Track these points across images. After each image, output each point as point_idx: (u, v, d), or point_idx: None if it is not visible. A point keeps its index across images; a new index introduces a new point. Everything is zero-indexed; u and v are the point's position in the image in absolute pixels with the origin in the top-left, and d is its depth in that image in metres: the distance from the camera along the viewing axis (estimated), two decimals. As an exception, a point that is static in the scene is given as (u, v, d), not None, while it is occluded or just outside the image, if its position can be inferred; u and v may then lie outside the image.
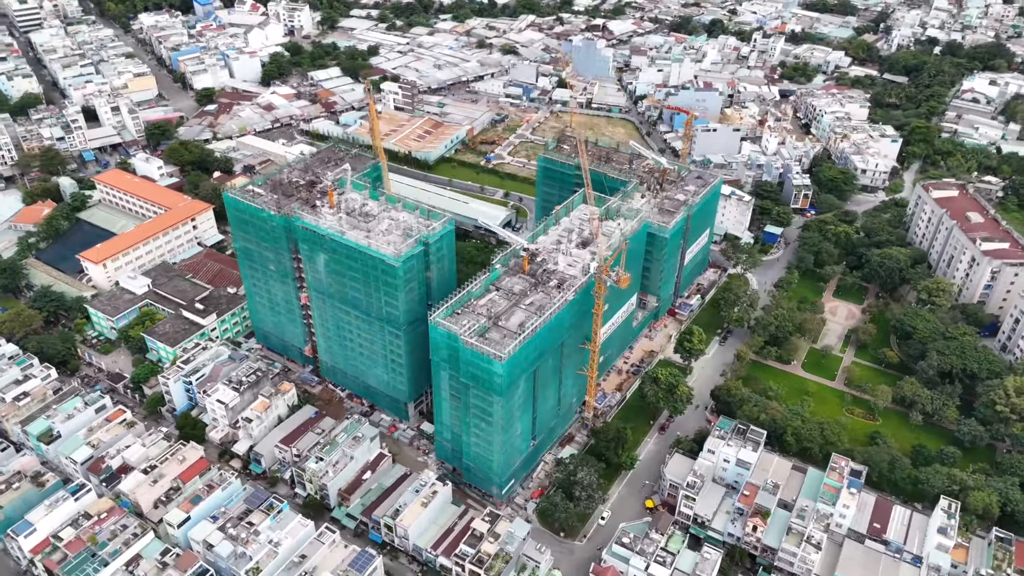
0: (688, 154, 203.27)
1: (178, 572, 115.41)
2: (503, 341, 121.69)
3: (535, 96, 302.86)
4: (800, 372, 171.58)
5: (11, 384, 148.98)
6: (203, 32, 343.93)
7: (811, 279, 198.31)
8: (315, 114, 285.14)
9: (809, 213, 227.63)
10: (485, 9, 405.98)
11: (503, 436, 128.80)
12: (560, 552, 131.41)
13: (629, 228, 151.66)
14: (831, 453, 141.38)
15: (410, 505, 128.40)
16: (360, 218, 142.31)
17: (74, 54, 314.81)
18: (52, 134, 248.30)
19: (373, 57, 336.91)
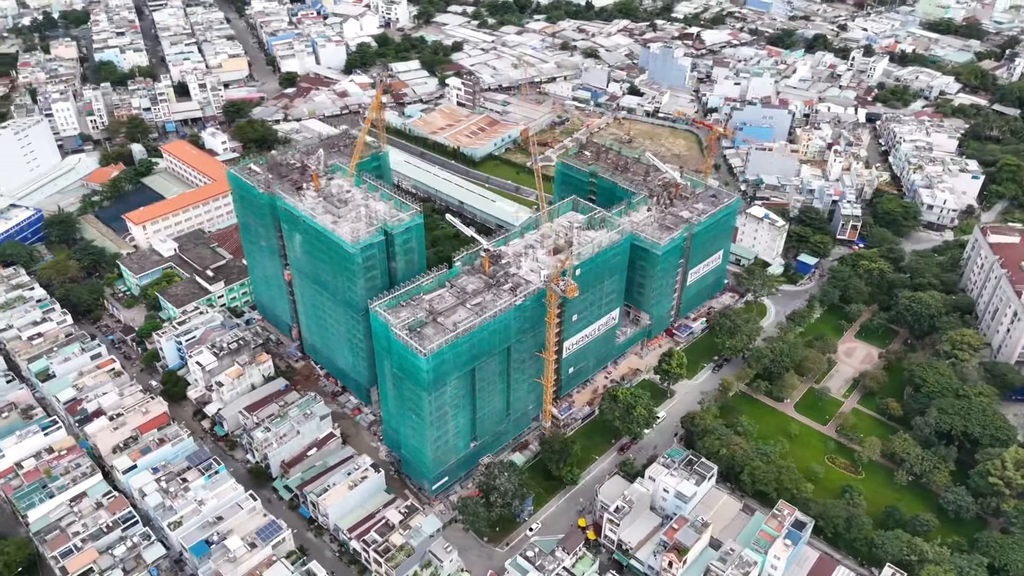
0: (710, 170, 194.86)
1: (107, 513, 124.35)
2: (433, 337, 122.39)
3: (603, 101, 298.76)
4: (790, 412, 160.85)
5: (29, 324, 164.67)
6: (302, 20, 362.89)
7: (835, 316, 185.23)
8: (385, 104, 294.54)
9: (857, 246, 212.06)
10: (580, 12, 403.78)
11: (433, 431, 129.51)
12: (479, 556, 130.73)
13: (608, 239, 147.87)
14: (791, 497, 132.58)
15: (337, 486, 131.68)
16: (338, 204, 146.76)
17: (183, 33, 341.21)
18: (140, 104, 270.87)
19: (456, 53, 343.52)
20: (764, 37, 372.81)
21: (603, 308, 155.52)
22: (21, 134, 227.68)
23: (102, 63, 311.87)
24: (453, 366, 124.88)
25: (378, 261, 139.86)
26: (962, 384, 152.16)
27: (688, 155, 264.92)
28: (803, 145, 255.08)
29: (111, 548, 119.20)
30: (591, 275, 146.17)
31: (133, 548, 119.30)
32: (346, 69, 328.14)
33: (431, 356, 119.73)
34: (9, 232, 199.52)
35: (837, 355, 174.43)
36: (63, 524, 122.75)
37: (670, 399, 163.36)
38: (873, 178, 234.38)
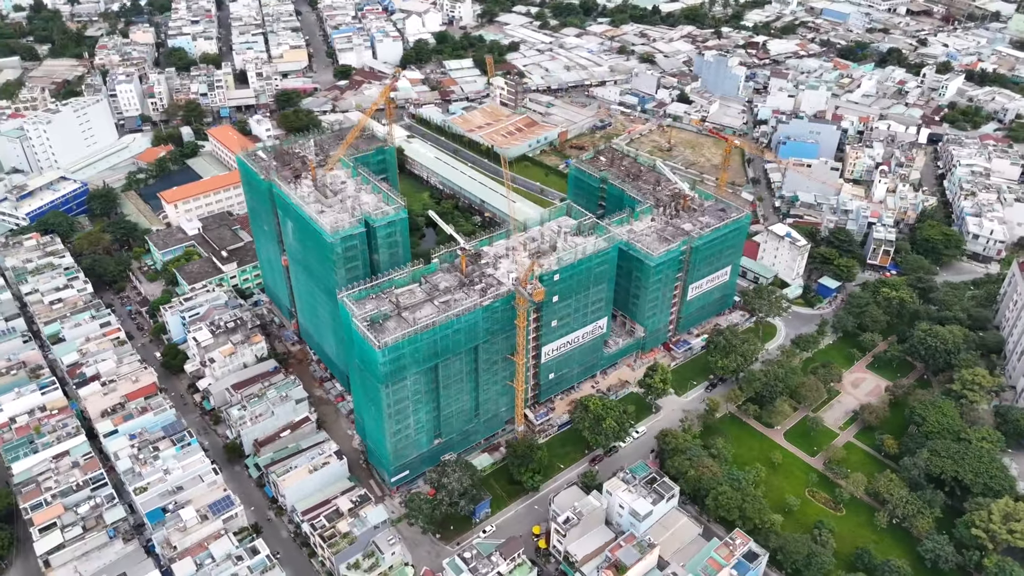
0: (724, 184, 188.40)
1: (80, 473, 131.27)
2: (394, 330, 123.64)
3: (650, 107, 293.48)
4: (779, 439, 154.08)
5: (52, 290, 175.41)
6: (367, 14, 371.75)
7: (849, 344, 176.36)
8: (430, 100, 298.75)
9: (888, 272, 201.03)
10: (645, 16, 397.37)
11: (392, 424, 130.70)
12: (428, 553, 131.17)
13: (593, 246, 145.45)
14: (754, 527, 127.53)
15: (297, 469, 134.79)
16: (329, 194, 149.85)
17: (253, 23, 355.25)
18: (198, 90, 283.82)
19: (511, 53, 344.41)
20: (835, 49, 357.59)
21: (588, 316, 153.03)
22: (80, 112, 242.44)
23: (174, 49, 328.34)
24: (412, 361, 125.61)
25: (359, 252, 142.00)
26: (965, 427, 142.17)
27: (728, 166, 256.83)
28: (850, 163, 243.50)
29: (77, 506, 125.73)
30: (573, 281, 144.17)
31: (96, 508, 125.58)
32: (401, 64, 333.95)
33: (386, 349, 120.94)
34: (54, 203, 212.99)
35: (841, 385, 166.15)
36: (40, 479, 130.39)
37: (654, 415, 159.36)
38: (918, 202, 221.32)
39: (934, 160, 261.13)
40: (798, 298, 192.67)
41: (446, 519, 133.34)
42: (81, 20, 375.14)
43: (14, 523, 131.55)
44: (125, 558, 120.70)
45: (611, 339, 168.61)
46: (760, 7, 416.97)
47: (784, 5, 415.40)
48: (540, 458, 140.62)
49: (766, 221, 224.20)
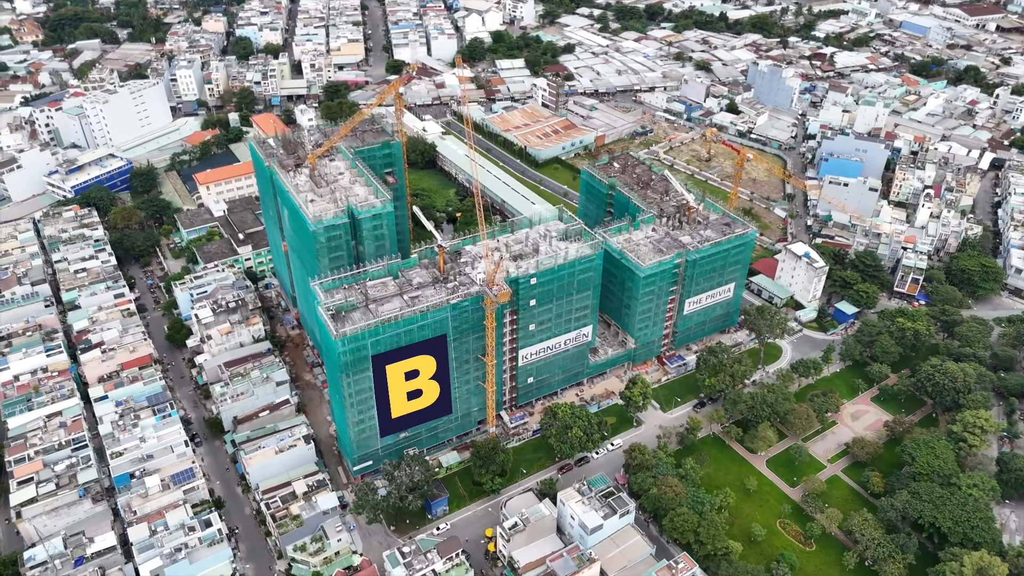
0: (736, 196, 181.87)
1: (65, 432, 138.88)
2: (357, 321, 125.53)
3: (696, 115, 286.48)
4: (760, 465, 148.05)
5: (79, 259, 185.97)
6: (428, 11, 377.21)
7: (856, 373, 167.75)
8: (474, 98, 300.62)
9: (917, 301, 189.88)
10: (711, 23, 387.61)
11: (354, 414, 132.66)
12: (380, 543, 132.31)
13: (576, 252, 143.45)
14: (710, 553, 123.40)
15: (264, 449, 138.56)
16: (323, 184, 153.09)
17: (317, 16, 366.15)
18: (253, 78, 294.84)
19: (565, 55, 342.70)
20: (907, 64, 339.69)
21: (572, 323, 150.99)
22: (136, 94, 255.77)
23: (240, 38, 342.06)
24: (372, 353, 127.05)
25: (343, 242, 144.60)
26: (958, 471, 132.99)
27: (766, 180, 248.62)
28: (896, 185, 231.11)
29: (56, 464, 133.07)
30: (554, 286, 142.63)
31: (72, 468, 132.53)
32: (454, 62, 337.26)
33: (344, 339, 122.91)
34: (99, 178, 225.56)
35: (840, 416, 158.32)
36: (29, 435, 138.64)
37: (635, 428, 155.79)
38: (962, 229, 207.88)
39: (993, 187, 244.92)
40: (811, 321, 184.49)
41: (402, 513, 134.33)
42: (163, 7, 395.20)
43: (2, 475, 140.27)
44: (91, 518, 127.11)
45: (601, 348, 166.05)
46: (835, 17, 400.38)
47: (861, 16, 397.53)
48: (503, 461, 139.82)
49: (793, 239, 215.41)
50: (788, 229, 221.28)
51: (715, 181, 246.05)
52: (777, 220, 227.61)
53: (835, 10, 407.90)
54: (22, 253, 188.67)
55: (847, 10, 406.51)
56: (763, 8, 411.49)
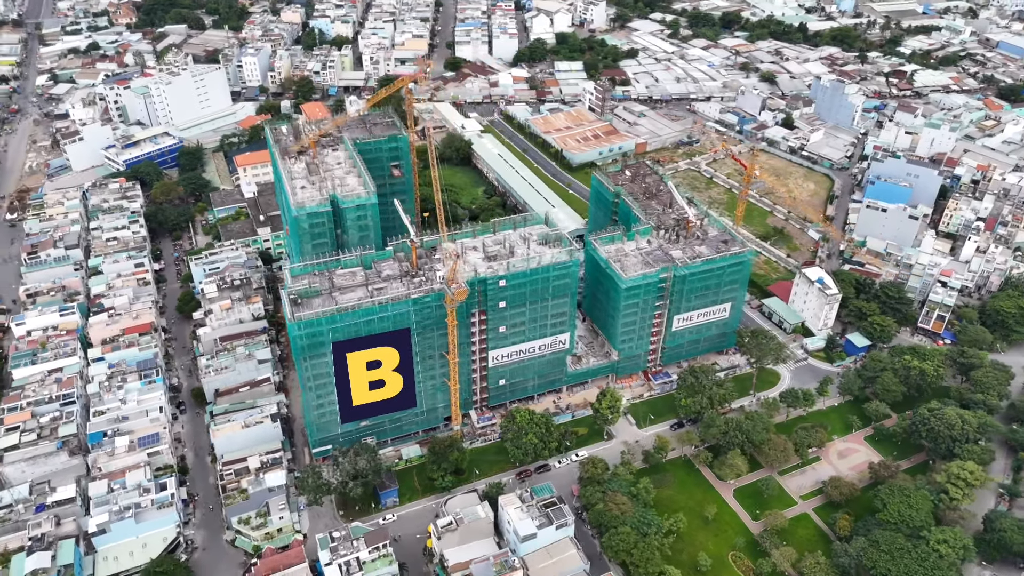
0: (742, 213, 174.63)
1: (58, 388, 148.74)
2: (316, 307, 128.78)
3: (748, 128, 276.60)
4: (726, 494, 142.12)
5: (112, 228, 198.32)
6: (496, 9, 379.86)
7: (854, 409, 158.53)
8: (524, 99, 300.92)
9: (942, 340, 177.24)
10: (789, 33, 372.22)
11: (313, 397, 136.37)
12: (327, 526, 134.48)
13: (551, 258, 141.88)
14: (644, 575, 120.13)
15: (232, 423, 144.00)
16: (318, 171, 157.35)
17: (388, 11, 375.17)
18: (313, 68, 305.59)
19: (628, 59, 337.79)
20: (996, 87, 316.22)
21: (547, 328, 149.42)
22: (198, 78, 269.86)
23: (312, 29, 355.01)
24: (327, 340, 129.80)
25: (327, 230, 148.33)
26: (930, 523, 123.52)
27: (808, 201, 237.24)
28: (947, 215, 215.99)
29: (42, 416, 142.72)
30: (527, 290, 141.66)
31: (55, 421, 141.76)
32: (514, 61, 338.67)
33: (300, 323, 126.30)
34: (151, 154, 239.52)
35: (825, 452, 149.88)
36: (27, 387, 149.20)
37: (606, 441, 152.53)
38: (1007, 268, 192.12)
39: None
40: (819, 351, 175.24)
41: (352, 499, 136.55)
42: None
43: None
44: (66, 470, 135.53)
45: (586, 357, 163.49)
46: (925, 34, 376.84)
47: (954, 34, 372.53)
48: (457, 459, 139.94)
49: (824, 263, 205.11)
50: (818, 252, 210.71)
51: (753, 197, 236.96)
52: (810, 242, 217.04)
53: (926, 26, 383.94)
54: (64, 219, 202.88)
55: (940, 27, 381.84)
56: (848, 20, 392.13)
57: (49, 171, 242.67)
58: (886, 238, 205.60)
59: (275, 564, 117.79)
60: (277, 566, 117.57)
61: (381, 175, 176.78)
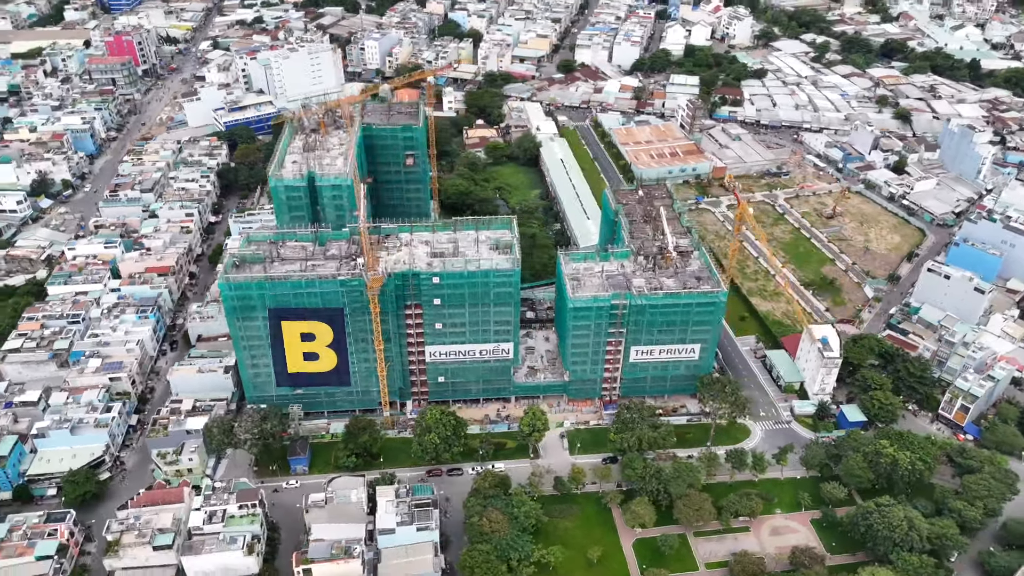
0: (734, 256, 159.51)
1: (72, 308, 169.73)
2: (248, 272, 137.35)
3: (851, 167, 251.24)
4: (625, 541, 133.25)
5: (184, 180, 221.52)
6: (633, 16, 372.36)
7: (811, 486, 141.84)
8: (623, 108, 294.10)
9: (963, 434, 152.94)
10: (957, 69, 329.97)
11: (247, 356, 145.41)
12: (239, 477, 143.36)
13: (490, 264, 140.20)
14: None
15: (190, 367, 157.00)
16: (318, 150, 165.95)
17: (524, 10, 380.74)
18: (427, 57, 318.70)
19: (752, 79, 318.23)
20: None
21: (490, 335, 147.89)
22: (313, 56, 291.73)
23: (450, 21, 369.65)
24: (259, 304, 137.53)
25: (303, 204, 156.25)
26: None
27: (883, 254, 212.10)
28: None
29: (47, 329, 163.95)
30: (465, 292, 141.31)
31: (55, 334, 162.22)
32: (631, 70, 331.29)
33: (228, 284, 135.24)
34: (248, 120, 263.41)
35: (756, 525, 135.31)
36: (52, 304, 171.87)
37: (531, 459, 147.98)
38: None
39: None
40: (808, 416, 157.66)
41: (268, 460, 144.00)
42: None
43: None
44: (49, 378, 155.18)
45: (543, 372, 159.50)
46: None
47: None
48: (366, 443, 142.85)
49: (861, 324, 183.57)
50: (863, 311, 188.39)
51: (819, 240, 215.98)
52: (861, 299, 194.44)
53: None
54: (151, 166, 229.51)
55: None
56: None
57: (171, 124, 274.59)
58: (947, 309, 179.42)
59: (155, 497, 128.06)
60: (156, 499, 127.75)
61: (397, 162, 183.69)
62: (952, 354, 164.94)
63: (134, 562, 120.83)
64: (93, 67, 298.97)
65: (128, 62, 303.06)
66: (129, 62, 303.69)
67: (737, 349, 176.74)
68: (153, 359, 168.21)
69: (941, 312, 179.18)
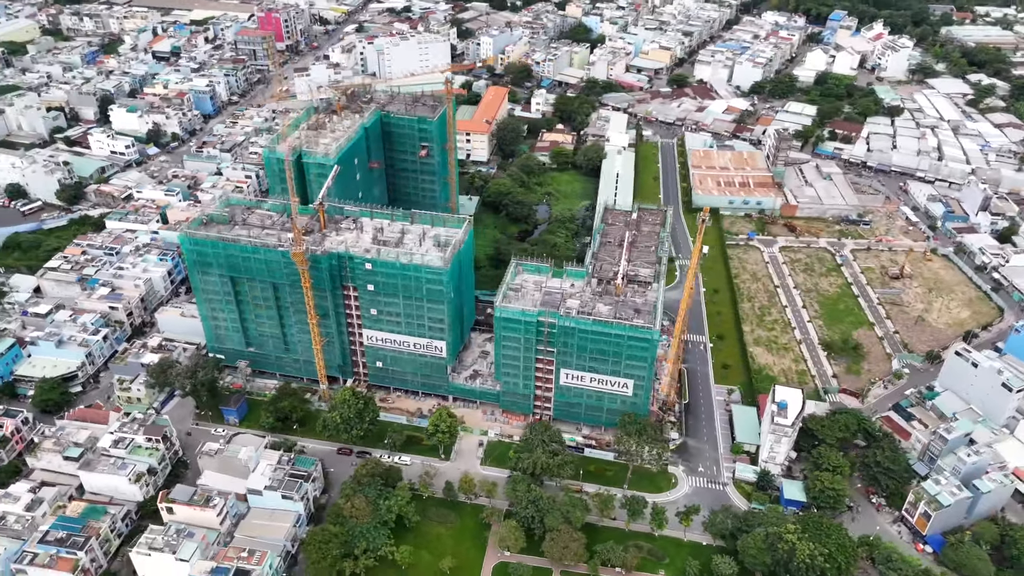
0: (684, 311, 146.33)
1: (113, 242, 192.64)
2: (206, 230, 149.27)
3: (948, 226, 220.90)
4: (489, 561, 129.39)
5: (259, 146, 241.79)
6: (772, 37, 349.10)
7: (704, 556, 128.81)
8: (720, 130, 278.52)
9: (921, 544, 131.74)
10: None
11: (206, 309, 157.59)
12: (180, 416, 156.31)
13: (420, 259, 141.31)
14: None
15: (179, 309, 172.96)
16: (323, 129, 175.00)
17: (657, 21, 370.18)
18: (535, 58, 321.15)
19: (880, 116, 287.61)
20: None
21: (424, 329, 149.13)
22: (422, 46, 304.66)
23: (581, 25, 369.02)
24: (215, 263, 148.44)
25: (294, 176, 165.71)
26: None
27: (940, 330, 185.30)
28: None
29: (84, 255, 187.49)
30: (398, 282, 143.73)
31: (89, 261, 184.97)
32: (748, 92, 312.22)
33: (189, 239, 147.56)
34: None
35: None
36: (102, 236, 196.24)
37: (439, 460, 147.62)
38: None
39: None
40: (747, 482, 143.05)
41: (208, 406, 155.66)
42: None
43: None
44: (73, 297, 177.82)
45: (484, 377, 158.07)
46: None
47: None
48: (285, 407, 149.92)
49: (863, 401, 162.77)
50: (874, 385, 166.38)
51: (868, 300, 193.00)
52: (883, 372, 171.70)
53: None
54: (239, 130, 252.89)
55: None
56: None
57: (285, 96, 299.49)
58: (971, 402, 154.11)
59: (86, 415, 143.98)
60: (86, 417, 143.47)
61: (413, 152, 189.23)
62: (945, 451, 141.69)
63: (48, 466, 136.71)
64: (240, 38, 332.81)
65: (270, 36, 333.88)
66: (271, 36, 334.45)
67: (710, 397, 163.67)
68: (163, 299, 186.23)
69: (963, 404, 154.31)
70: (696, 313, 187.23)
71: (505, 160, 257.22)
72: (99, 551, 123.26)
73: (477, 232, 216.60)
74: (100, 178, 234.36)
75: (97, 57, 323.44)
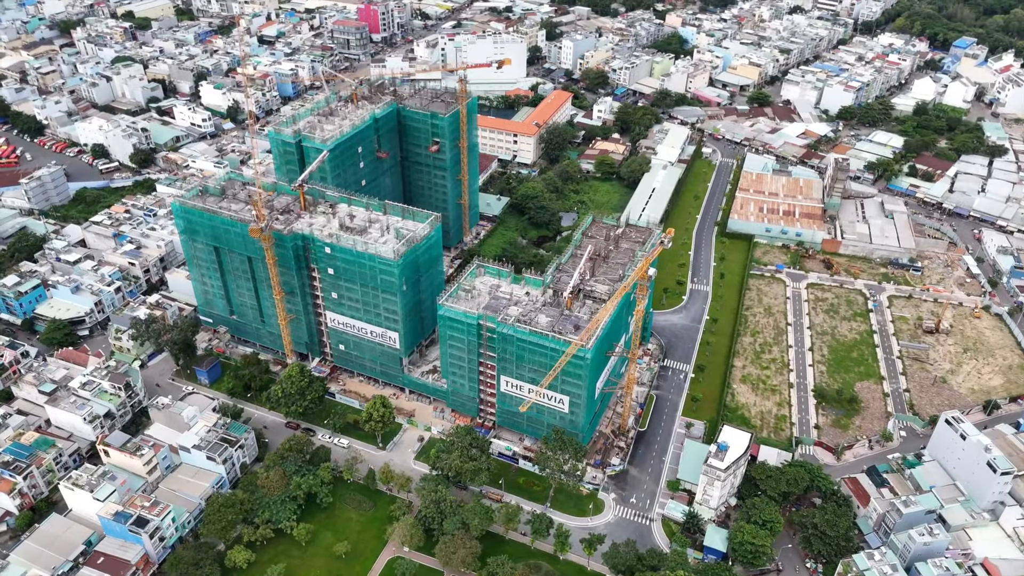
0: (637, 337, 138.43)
1: (155, 204, 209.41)
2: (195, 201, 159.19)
3: (1012, 283, 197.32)
4: (386, 553, 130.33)
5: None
6: (877, 60, 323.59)
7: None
8: (786, 153, 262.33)
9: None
10: None
11: (195, 271, 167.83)
12: (163, 371, 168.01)
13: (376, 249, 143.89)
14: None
15: (181, 272, 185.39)
16: (333, 116, 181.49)
17: (758, 35, 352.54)
18: (612, 65, 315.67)
19: (977, 155, 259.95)
20: None
21: (380, 318, 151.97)
22: (497, 46, 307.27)
23: (675, 35, 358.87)
24: (200, 230, 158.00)
25: (295, 159, 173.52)
26: None
27: (960, 396, 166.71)
28: None
29: (130, 214, 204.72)
30: (354, 269, 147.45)
31: (128, 219, 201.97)
32: (835, 117, 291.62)
33: (180, 207, 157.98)
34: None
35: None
36: (149, 197, 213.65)
37: (376, 448, 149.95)
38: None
39: None
40: (674, 521, 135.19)
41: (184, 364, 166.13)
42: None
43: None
44: (108, 249, 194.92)
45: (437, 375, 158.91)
46: None
47: None
48: (244, 376, 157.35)
49: (839, 458, 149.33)
50: (855, 444, 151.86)
51: (888, 352, 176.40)
52: (872, 431, 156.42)
53: None
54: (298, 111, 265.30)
55: None
56: None
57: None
58: (957, 478, 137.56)
59: (69, 356, 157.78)
60: (69, 358, 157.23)
61: (425, 145, 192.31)
62: (900, 526, 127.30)
63: (28, 396, 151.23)
64: (336, 28, 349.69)
65: (364, 27, 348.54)
66: (364, 28, 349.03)
67: (671, 428, 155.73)
68: (183, 262, 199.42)
69: (946, 479, 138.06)
70: (689, 341, 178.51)
71: (551, 164, 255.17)
72: (40, 479, 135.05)
73: (496, 232, 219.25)
74: (172, 146, 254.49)
75: (208, 36, 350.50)
